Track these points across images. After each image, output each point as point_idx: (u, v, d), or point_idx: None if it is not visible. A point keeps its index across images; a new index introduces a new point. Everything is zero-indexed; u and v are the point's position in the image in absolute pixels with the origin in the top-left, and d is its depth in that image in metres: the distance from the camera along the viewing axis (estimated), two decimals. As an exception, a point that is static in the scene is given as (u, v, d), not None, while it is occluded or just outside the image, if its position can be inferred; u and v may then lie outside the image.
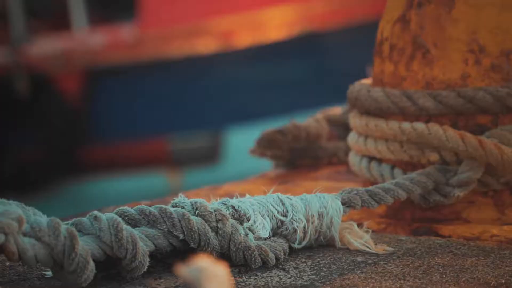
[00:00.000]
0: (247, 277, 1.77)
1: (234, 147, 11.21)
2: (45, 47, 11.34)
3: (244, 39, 11.13)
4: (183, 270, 1.18)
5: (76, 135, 11.17)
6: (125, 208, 1.77)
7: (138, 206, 1.77)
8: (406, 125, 2.07)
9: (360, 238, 1.94)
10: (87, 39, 11.32)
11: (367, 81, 2.30)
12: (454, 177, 2.06)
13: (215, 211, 1.78)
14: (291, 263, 1.85)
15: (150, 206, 1.80)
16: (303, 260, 1.87)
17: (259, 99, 11.23)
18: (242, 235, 1.78)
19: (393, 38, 2.16)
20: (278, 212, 1.87)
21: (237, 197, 1.90)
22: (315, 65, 11.23)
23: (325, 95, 9.89)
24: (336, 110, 2.86)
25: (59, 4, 12.00)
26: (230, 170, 10.72)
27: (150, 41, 11.12)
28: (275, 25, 11.08)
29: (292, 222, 1.87)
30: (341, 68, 10.22)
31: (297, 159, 2.71)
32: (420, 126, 2.05)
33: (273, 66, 11.26)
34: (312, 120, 2.72)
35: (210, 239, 1.76)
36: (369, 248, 1.92)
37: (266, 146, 2.61)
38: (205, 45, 11.12)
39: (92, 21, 11.58)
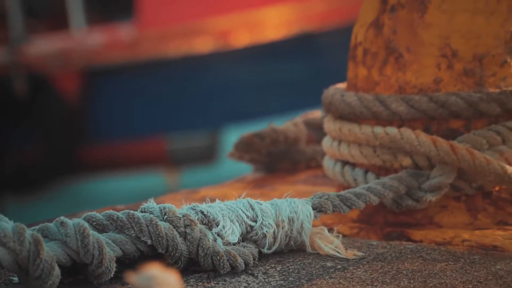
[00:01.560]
0: (215, 282, 1.77)
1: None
2: (43, 47, 11.35)
3: (242, 38, 11.13)
4: (134, 278, 1.18)
5: (75, 134, 11.18)
6: (93, 213, 1.77)
7: (106, 211, 1.78)
8: (379, 129, 2.08)
9: (330, 243, 1.94)
10: (86, 39, 11.33)
11: (341, 85, 2.30)
12: (426, 182, 2.06)
13: (183, 216, 1.79)
14: (261, 268, 1.86)
15: (123, 210, 1.81)
16: (273, 265, 1.88)
17: (257, 98, 11.23)
18: (210, 240, 1.79)
19: (366, 42, 2.17)
20: (247, 217, 1.87)
21: (208, 202, 1.90)
22: (313, 64, 11.23)
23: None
24: (316, 114, 2.86)
25: (58, 4, 12.01)
26: (227, 169, 10.73)
27: (148, 40, 11.13)
28: (273, 25, 11.08)
29: (261, 227, 1.88)
30: (339, 68, 10.22)
31: (275, 162, 2.72)
32: (392, 130, 2.06)
33: (271, 66, 11.26)
34: (290, 124, 2.72)
35: (178, 245, 1.76)
36: (339, 253, 1.92)
37: (244, 149, 2.61)
38: (203, 45, 11.13)
39: (91, 21, 11.59)
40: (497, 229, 2.08)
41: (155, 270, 1.17)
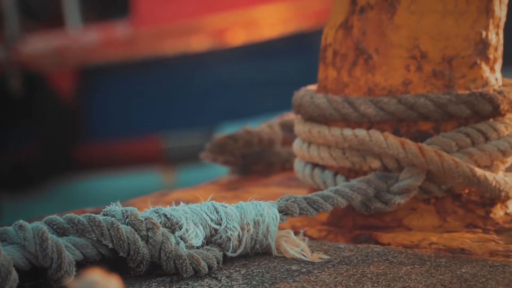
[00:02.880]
0: (178, 286, 1.76)
1: (228, 145, 11.16)
2: (39, 45, 11.35)
3: (238, 37, 11.12)
4: (75, 284, 1.17)
5: (70, 133, 11.17)
6: (54, 216, 1.76)
7: (67, 214, 1.77)
8: (347, 131, 2.06)
9: (296, 246, 1.93)
10: (81, 37, 11.32)
11: (312, 87, 2.29)
12: (395, 184, 2.05)
13: (145, 219, 1.78)
14: (225, 271, 1.84)
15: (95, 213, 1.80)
16: (237, 268, 1.87)
17: (253, 97, 11.22)
18: (173, 244, 1.78)
19: (336, 44, 2.15)
20: (212, 220, 1.86)
21: (172, 205, 1.89)
22: (309, 63, 11.20)
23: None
24: (292, 116, 2.85)
25: (55, 3, 11.99)
26: (223, 168, 10.72)
27: (144, 39, 11.12)
28: (269, 23, 11.07)
29: (226, 231, 1.87)
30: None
31: (251, 164, 2.70)
32: (361, 133, 2.05)
33: (267, 64, 11.25)
34: (265, 126, 2.71)
35: (140, 248, 1.75)
36: (305, 257, 1.91)
37: (217, 151, 2.60)
38: (199, 43, 11.12)
39: (86, 19, 11.58)
40: (466, 232, 2.07)
41: (96, 276, 1.16)
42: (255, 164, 2.72)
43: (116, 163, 11.42)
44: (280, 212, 1.94)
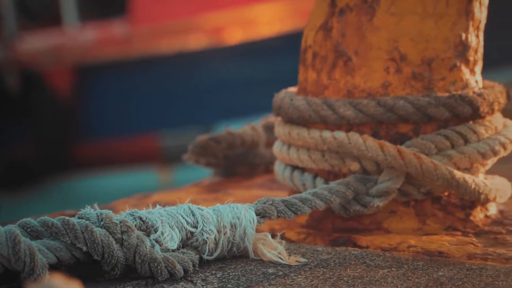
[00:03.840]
0: (153, 289, 1.76)
1: (225, 144, 11.14)
2: (36, 43, 11.34)
3: (235, 35, 11.11)
4: (36, 291, 1.17)
5: (67, 131, 11.17)
6: (28, 219, 1.76)
7: (41, 217, 1.76)
8: (327, 134, 2.06)
9: (274, 249, 1.92)
10: (78, 36, 11.31)
11: (293, 89, 2.28)
12: (374, 187, 2.05)
13: (120, 222, 1.77)
14: (200, 275, 1.84)
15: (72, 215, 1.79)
16: (213, 272, 1.86)
17: (250, 95, 11.20)
18: (148, 247, 1.77)
19: (315, 46, 2.15)
20: (188, 223, 1.86)
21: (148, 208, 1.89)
22: (306, 61, 11.19)
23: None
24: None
25: (53, 2, 11.98)
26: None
27: (141, 37, 11.11)
28: (266, 22, 11.06)
29: (202, 233, 1.86)
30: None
31: (234, 166, 2.69)
32: (340, 135, 2.04)
33: (264, 63, 11.24)
34: (248, 128, 2.70)
35: (114, 251, 1.74)
36: (282, 260, 1.90)
37: (199, 153, 2.59)
38: (196, 42, 11.11)
39: (83, 17, 11.57)
40: (445, 235, 2.06)
41: (56, 281, 1.16)
42: (238, 166, 2.71)
43: (113, 162, 11.42)
44: (257, 215, 1.93)
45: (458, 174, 2.02)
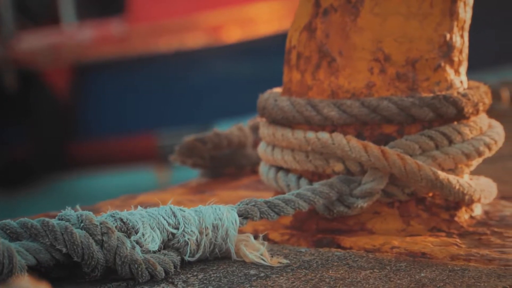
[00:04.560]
0: (133, 291, 1.75)
1: (223, 143, 11.13)
2: (34, 42, 11.34)
3: (233, 34, 11.10)
4: (5, 294, 1.16)
5: (64, 130, 11.17)
6: (7, 221, 1.75)
7: (21, 219, 1.76)
8: (310, 135, 2.05)
9: (256, 251, 1.92)
10: (76, 34, 11.31)
11: (278, 90, 2.28)
12: (357, 188, 2.04)
13: (100, 224, 1.76)
14: (182, 276, 1.83)
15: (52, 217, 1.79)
16: (195, 273, 1.85)
17: (248, 94, 11.19)
18: (128, 248, 1.77)
19: (300, 46, 2.14)
20: (169, 224, 1.85)
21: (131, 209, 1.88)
22: (304, 60, 11.18)
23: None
24: (264, 118, 2.83)
25: (52, 2, 11.98)
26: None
27: (138, 36, 11.11)
28: (265, 20, 11.05)
29: (183, 235, 1.85)
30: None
31: (221, 167, 2.69)
32: (324, 136, 2.03)
33: (262, 61, 11.23)
34: (235, 128, 2.69)
35: (94, 253, 1.74)
36: (265, 261, 1.90)
37: (186, 154, 2.58)
38: (194, 40, 11.10)
39: (81, 16, 11.57)
40: (429, 236, 2.05)
41: (24, 283, 1.15)
42: (225, 167, 2.70)
43: (111, 161, 11.42)
44: (240, 216, 1.92)
45: (442, 175, 2.02)
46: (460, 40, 2.11)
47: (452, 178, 2.04)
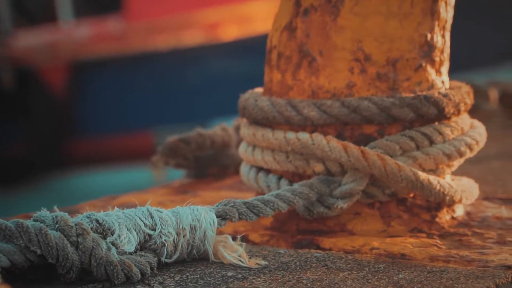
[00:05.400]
0: (109, 292, 1.74)
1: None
2: (31, 39, 11.33)
3: (231, 31, 11.08)
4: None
5: (61, 127, 11.16)
6: (-19, 223, 1.74)
7: (-4, 220, 1.74)
8: (291, 135, 2.04)
9: (234, 252, 1.90)
10: (73, 32, 11.30)
11: (259, 90, 2.26)
12: (337, 189, 2.03)
13: (76, 225, 1.75)
14: (158, 277, 1.82)
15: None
16: (172, 274, 1.84)
17: (246, 92, 11.18)
18: (104, 250, 1.75)
19: (280, 46, 2.13)
20: (146, 225, 1.84)
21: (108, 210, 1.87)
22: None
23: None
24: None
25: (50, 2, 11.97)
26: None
27: (136, 33, 11.09)
28: (262, 18, 11.03)
29: (160, 236, 1.84)
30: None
31: (205, 167, 2.67)
32: (304, 136, 2.02)
33: (259, 59, 11.18)
34: (218, 129, 2.68)
35: (69, 254, 1.73)
36: (243, 262, 1.89)
37: (169, 154, 2.57)
38: (191, 38, 11.09)
39: (78, 13, 11.56)
40: (410, 237, 2.04)
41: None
42: (209, 167, 2.69)
43: (107, 158, 11.41)
44: (218, 217, 1.91)
45: (422, 175, 2.00)
46: (442, 40, 2.10)
47: (432, 178, 2.03)
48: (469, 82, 3.82)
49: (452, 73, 2.21)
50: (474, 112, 3.70)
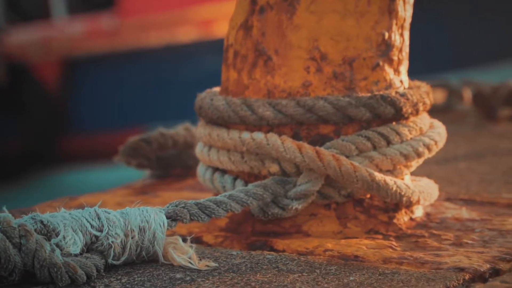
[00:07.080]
0: (53, 295, 1.72)
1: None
2: (24, 35, 11.30)
3: (224, 28, 11.04)
4: None
5: (55, 124, 11.14)
6: None
7: None
8: (246, 135, 2.01)
9: (184, 254, 1.87)
10: (66, 28, 11.28)
11: (217, 89, 2.23)
12: (292, 189, 2.00)
13: (18, 226, 1.72)
14: (105, 280, 1.79)
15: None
16: (119, 277, 1.81)
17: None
18: (47, 252, 1.73)
19: (236, 44, 2.10)
20: (92, 226, 1.81)
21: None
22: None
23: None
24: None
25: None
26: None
27: (129, 30, 11.07)
28: (256, 15, 10.99)
29: (107, 237, 1.81)
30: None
31: (168, 167, 2.64)
32: (258, 136, 1.99)
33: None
34: (181, 128, 2.66)
35: (11, 256, 1.70)
36: (192, 264, 1.86)
37: (130, 154, 2.54)
38: (185, 34, 11.06)
39: (71, 10, 11.54)
40: (366, 238, 2.01)
41: None
42: (172, 168, 2.66)
43: (101, 154, 11.38)
44: (168, 218, 1.88)
45: (378, 176, 1.97)
46: (400, 38, 2.07)
47: (389, 179, 2.00)
48: (443, 82, 3.80)
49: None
50: (448, 112, 3.69)
